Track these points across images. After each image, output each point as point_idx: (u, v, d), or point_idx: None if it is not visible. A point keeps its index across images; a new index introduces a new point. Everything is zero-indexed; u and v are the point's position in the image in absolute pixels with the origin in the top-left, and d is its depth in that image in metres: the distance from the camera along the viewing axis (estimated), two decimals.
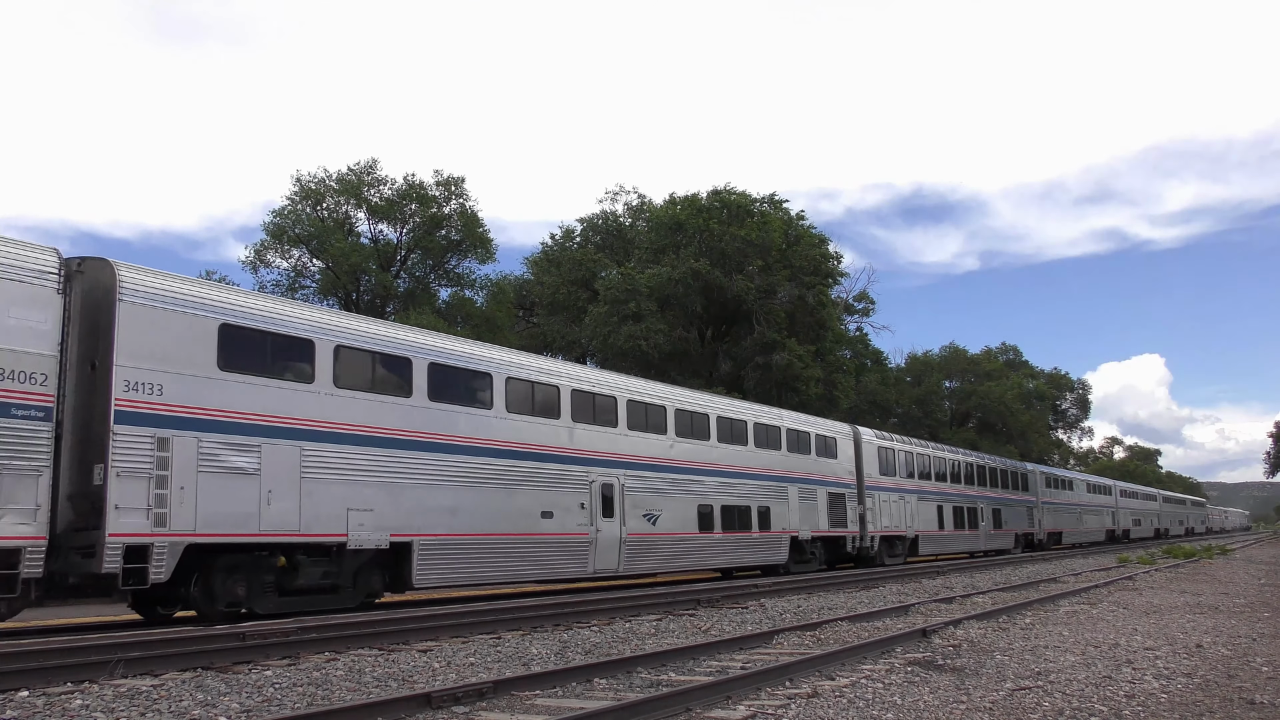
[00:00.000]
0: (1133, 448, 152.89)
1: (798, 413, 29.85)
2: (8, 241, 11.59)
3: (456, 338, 19.20)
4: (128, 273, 12.50)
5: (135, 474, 11.95)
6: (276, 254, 42.95)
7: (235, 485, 12.97)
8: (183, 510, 12.35)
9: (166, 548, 12.11)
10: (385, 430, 15.14)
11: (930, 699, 7.62)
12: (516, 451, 17.48)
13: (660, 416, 21.51)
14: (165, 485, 12.22)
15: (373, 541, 14.62)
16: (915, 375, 74.70)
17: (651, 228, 45.42)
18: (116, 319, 12.12)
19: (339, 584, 14.54)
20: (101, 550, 11.52)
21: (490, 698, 7.40)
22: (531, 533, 17.52)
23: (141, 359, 12.29)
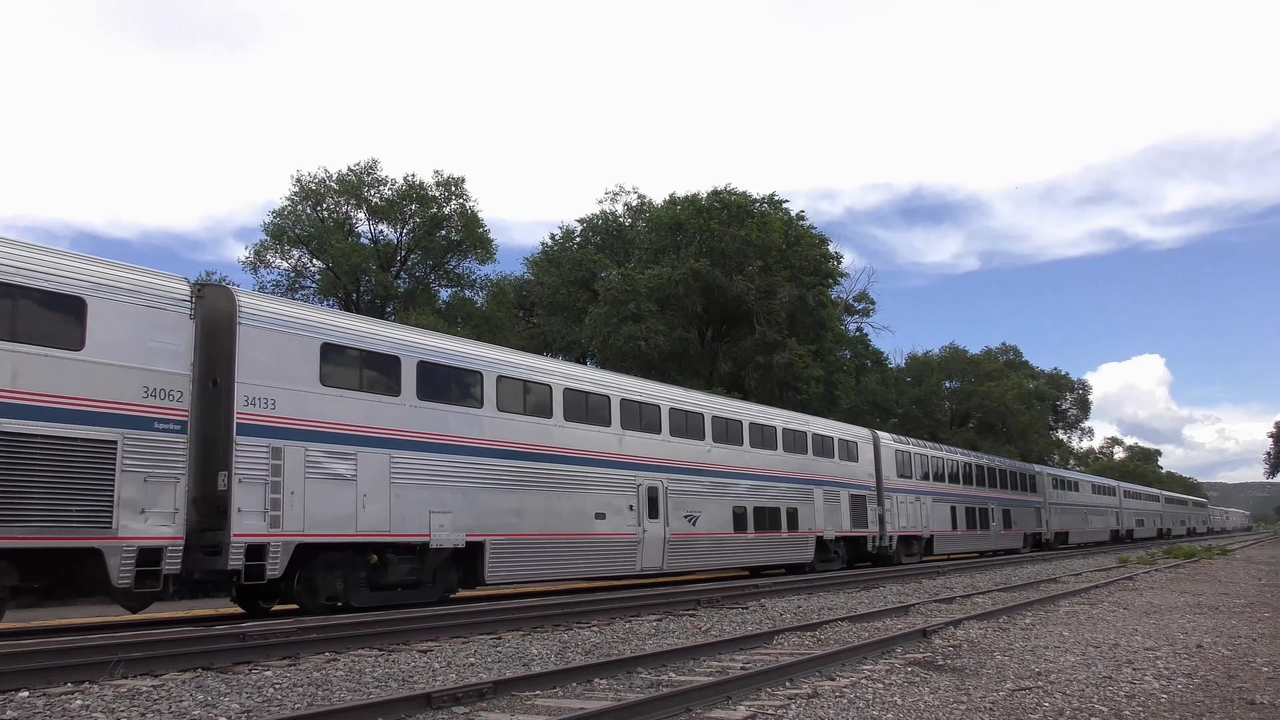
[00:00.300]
0: (1133, 448, 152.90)
1: (822, 418, 31.02)
2: (146, 272, 12.93)
3: (520, 352, 20.90)
4: (245, 298, 14.00)
5: (254, 480, 13.26)
6: (276, 254, 42.97)
7: (336, 490, 14.31)
8: (293, 513, 13.67)
9: (280, 547, 13.42)
10: (460, 439, 16.50)
11: (930, 699, 7.62)
12: (572, 457, 18.82)
13: (699, 423, 22.74)
14: (279, 490, 13.54)
15: (451, 541, 15.97)
16: (915, 375, 74.69)
17: (651, 228, 45.42)
18: (237, 340, 13.48)
19: (422, 580, 15.81)
20: (226, 549, 12.79)
21: (490, 698, 7.40)
22: (587, 533, 18.80)
23: (258, 376, 13.66)
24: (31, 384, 11.24)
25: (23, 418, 11.10)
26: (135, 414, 12.15)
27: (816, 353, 42.23)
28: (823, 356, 43.29)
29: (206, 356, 13.40)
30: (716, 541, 22.54)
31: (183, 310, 12.85)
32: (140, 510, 11.92)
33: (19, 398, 11.10)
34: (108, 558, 11.54)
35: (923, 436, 47.37)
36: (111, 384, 11.96)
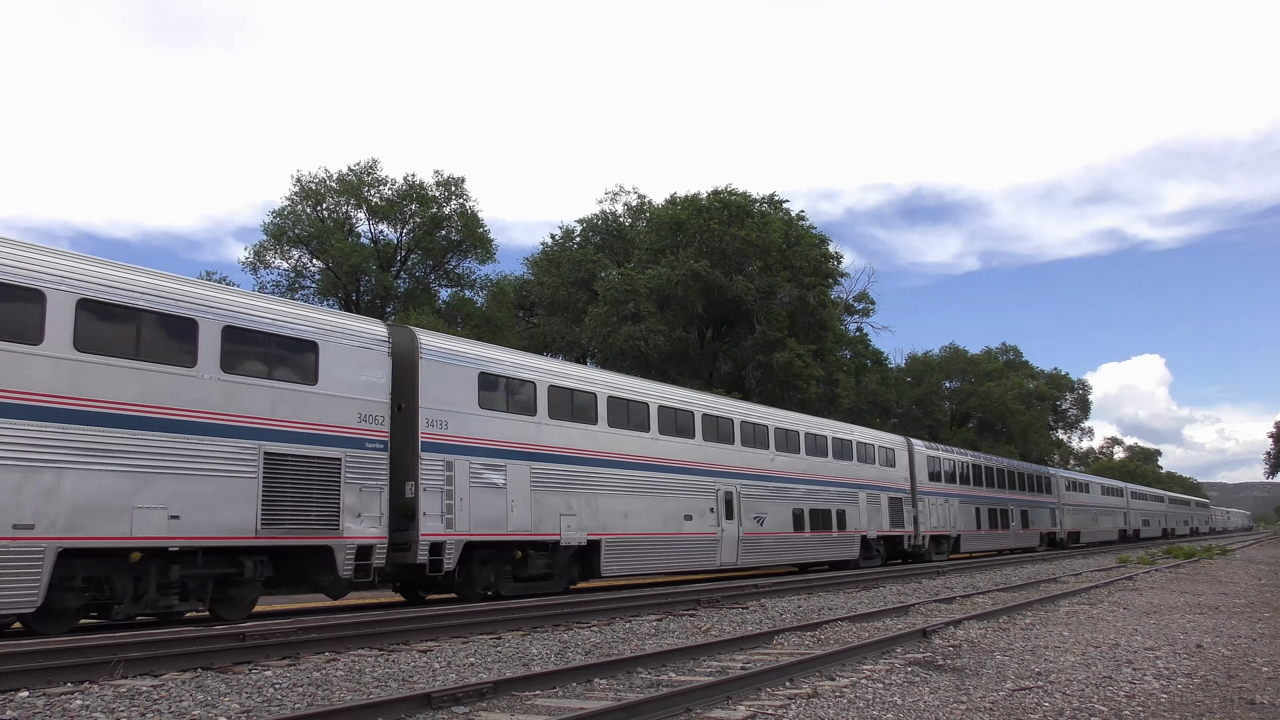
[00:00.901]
0: (1133, 448, 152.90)
1: (863, 427, 34.39)
2: (356, 318, 15.97)
3: (625, 376, 23.78)
4: (424, 337, 16.59)
5: (434, 489, 15.79)
6: (276, 254, 42.96)
7: (491, 496, 16.81)
8: (463, 516, 16.18)
9: (454, 545, 15.93)
10: (582, 451, 19.07)
11: (930, 699, 7.62)
12: (666, 465, 21.40)
13: (764, 435, 25.41)
14: (451, 497, 16.03)
15: (576, 539, 18.50)
16: (915, 375, 74.68)
17: (651, 228, 45.41)
18: (419, 373, 15.99)
19: (553, 573, 18.29)
20: (415, 546, 15.32)
21: (490, 698, 7.40)
22: (678, 532, 21.38)
23: (435, 402, 16.22)
24: (285, 413, 13.77)
25: (280, 440, 13.64)
26: (353, 436, 14.67)
27: (817, 353, 42.22)
28: (823, 356, 43.28)
29: (395, 386, 15.59)
30: (779, 540, 25.17)
31: (382, 349, 15.41)
32: (358, 515, 14.44)
33: (277, 424, 13.63)
34: (336, 553, 14.06)
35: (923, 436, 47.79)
36: (337, 412, 14.53)
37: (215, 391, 12.94)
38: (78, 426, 11.48)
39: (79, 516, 11.36)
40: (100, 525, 11.55)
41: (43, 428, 11.14)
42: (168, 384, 12.42)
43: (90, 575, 11.71)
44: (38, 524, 10.99)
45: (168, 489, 12.19)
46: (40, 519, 11.01)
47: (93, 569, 11.72)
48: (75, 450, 11.41)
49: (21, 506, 10.89)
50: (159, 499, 12.10)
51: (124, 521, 11.75)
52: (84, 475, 11.45)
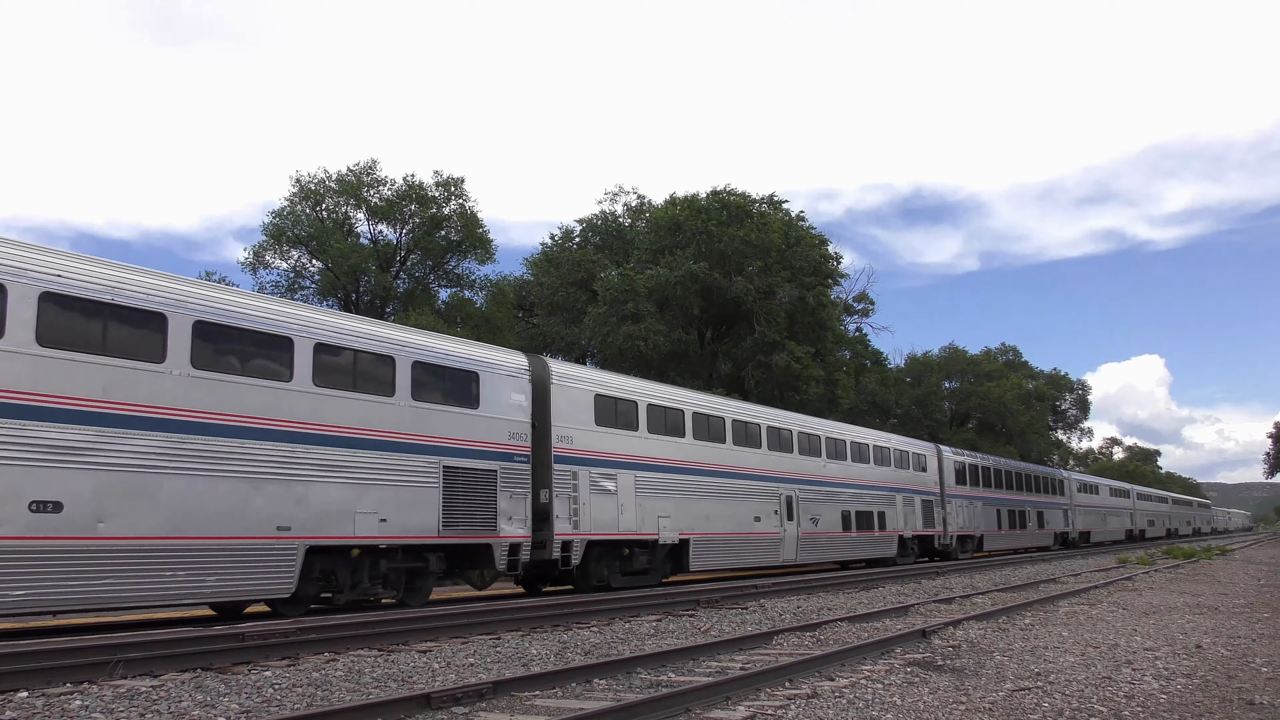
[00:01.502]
0: (1132, 448, 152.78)
1: (899, 435, 37.33)
2: (505, 351, 18.67)
3: (706, 395, 25.95)
4: (555, 366, 19.45)
5: (563, 495, 18.40)
6: (276, 255, 42.90)
7: (606, 501, 19.41)
8: (585, 518, 18.80)
9: (579, 543, 18.59)
10: (674, 461, 21.61)
11: (930, 699, 7.62)
12: (739, 473, 23.95)
13: (818, 444, 28.07)
14: (576, 502, 18.65)
15: (671, 538, 21.10)
16: (915, 375, 74.64)
17: (650, 228, 45.36)
18: (551, 396, 18.65)
19: (651, 568, 20.79)
20: (550, 544, 17.95)
21: (490, 698, 7.40)
22: (750, 531, 23.98)
23: (563, 420, 18.84)
24: (457, 433, 16.45)
25: (455, 456, 16.29)
26: (505, 451, 17.24)
27: (816, 353, 42.20)
28: (823, 357, 43.25)
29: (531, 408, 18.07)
30: (831, 539, 27.82)
31: (524, 377, 18.03)
32: (509, 518, 17.02)
33: (452, 443, 16.29)
34: (495, 550, 16.68)
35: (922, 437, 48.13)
36: (493, 431, 17.12)
37: (408, 416, 15.61)
38: (318, 447, 14.16)
39: (320, 520, 14.03)
40: (334, 527, 14.23)
41: (296, 449, 13.85)
42: (375, 411, 15.13)
43: (324, 568, 14.29)
44: (293, 526, 13.64)
45: (378, 497, 14.87)
46: (295, 522, 13.65)
47: (325, 563, 14.30)
48: (318, 467, 14.11)
49: (282, 512, 13.50)
50: (372, 506, 14.79)
51: (349, 524, 14.44)
52: (324, 487, 14.18)
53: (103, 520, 11.60)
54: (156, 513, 12.13)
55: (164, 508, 12.20)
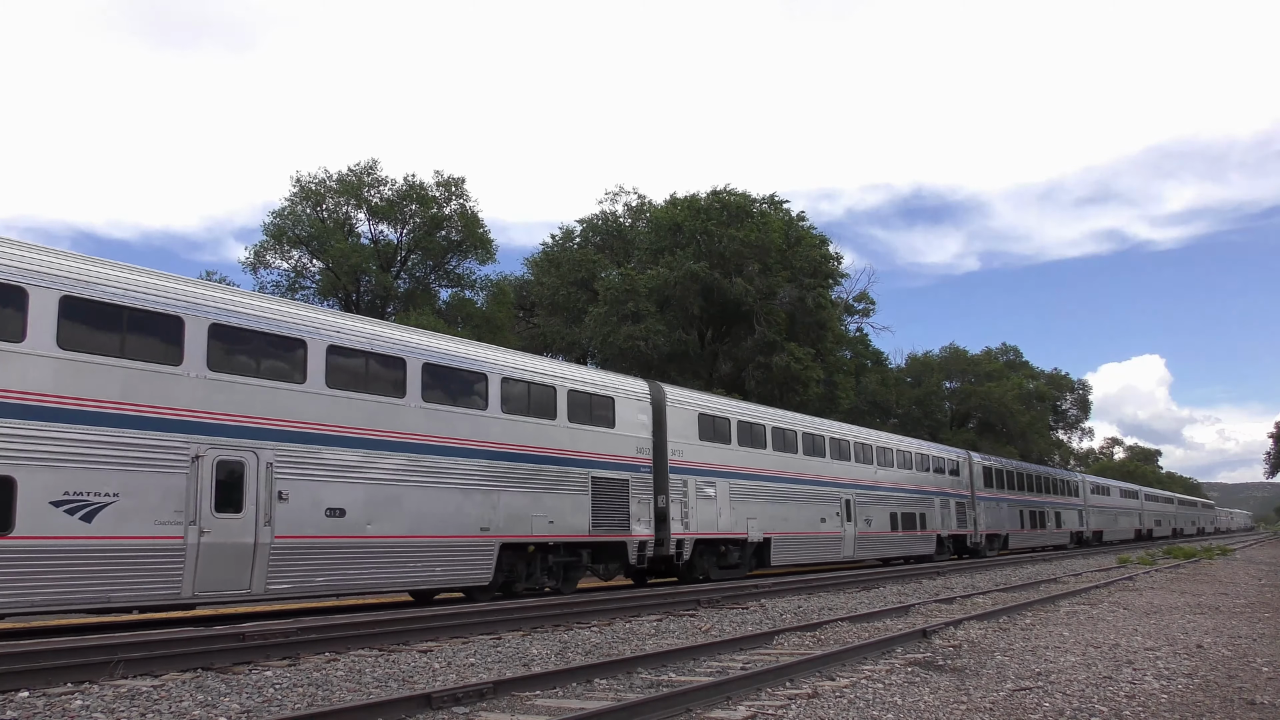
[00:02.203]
0: (1133, 448, 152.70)
1: (936, 443, 41.84)
2: (633, 379, 21.94)
3: (782, 411, 28.58)
4: (668, 390, 22.27)
5: (676, 500, 21.27)
6: (276, 255, 42.92)
7: (707, 505, 22.27)
8: (692, 520, 21.73)
9: (689, 541, 21.58)
10: (758, 469, 24.53)
11: (930, 699, 7.62)
12: (809, 480, 26.81)
13: (870, 453, 31.10)
14: (686, 506, 21.57)
15: (756, 537, 24.02)
16: (915, 376, 74.62)
17: (651, 228, 45.35)
18: (667, 416, 21.57)
19: (741, 563, 23.67)
20: (668, 542, 20.92)
21: (490, 698, 7.40)
22: (817, 531, 26.97)
23: (675, 436, 21.78)
24: (601, 448, 19.44)
25: (599, 468, 19.30)
26: (634, 463, 20.26)
27: (817, 354, 42.18)
28: (823, 357, 43.24)
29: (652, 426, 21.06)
30: (882, 538, 30.78)
31: (646, 400, 21.24)
32: (638, 519, 20.04)
33: (598, 457, 19.28)
34: (629, 547, 19.76)
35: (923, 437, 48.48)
36: (626, 446, 20.21)
37: (566, 436, 18.64)
38: (506, 463, 17.15)
39: (509, 522, 17.02)
40: (518, 528, 17.20)
41: (493, 464, 16.93)
42: (545, 431, 18.18)
43: (508, 562, 17.10)
44: (491, 528, 16.63)
45: (547, 503, 17.88)
46: (492, 524, 16.66)
47: (509, 558, 17.11)
48: (507, 479, 17.11)
49: (484, 516, 16.55)
50: (543, 510, 17.80)
51: (528, 526, 17.43)
52: (511, 495, 17.17)
53: (370, 523, 14.64)
54: (403, 517, 15.18)
55: (407, 513, 15.27)
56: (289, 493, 13.55)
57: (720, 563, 22.87)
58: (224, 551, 12.71)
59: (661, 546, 20.83)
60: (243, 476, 13.13)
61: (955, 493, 37.22)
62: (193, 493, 12.50)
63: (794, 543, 25.60)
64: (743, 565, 23.78)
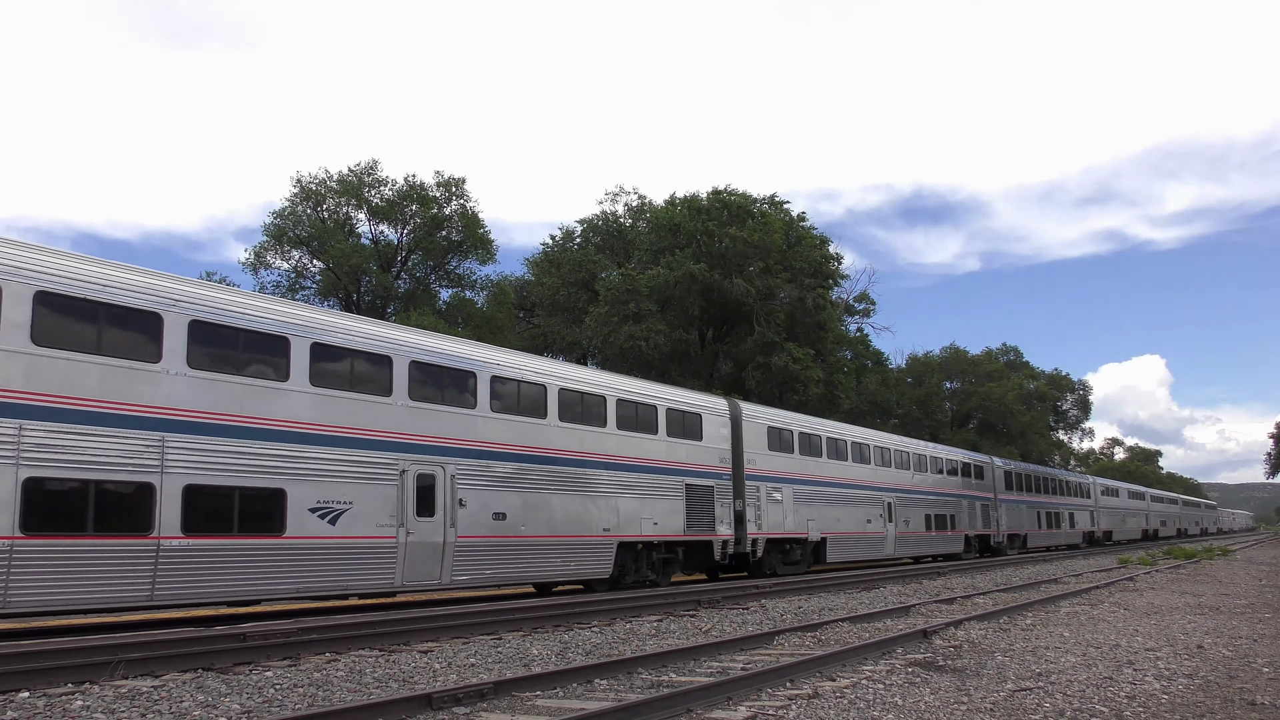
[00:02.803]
0: (1133, 448, 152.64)
1: (966, 450, 44.46)
2: (714, 397, 24.45)
3: (835, 422, 31.26)
4: (744, 406, 24.75)
5: (751, 504, 23.74)
6: (277, 255, 42.90)
7: (774, 508, 24.79)
8: (764, 521, 24.24)
9: (762, 541, 24.08)
10: (815, 476, 27.14)
11: (931, 700, 7.62)
12: (857, 485, 29.60)
13: (909, 459, 34.13)
14: (759, 509, 24.05)
15: (815, 537, 26.62)
16: (916, 376, 74.58)
17: (651, 229, 45.34)
18: (743, 430, 24.05)
19: (801, 559, 26.15)
20: (745, 541, 23.35)
21: (491, 698, 7.40)
22: (864, 531, 29.57)
23: (749, 448, 24.19)
24: (692, 459, 22.09)
25: (691, 476, 21.85)
26: (718, 472, 22.84)
27: (817, 354, 42.16)
28: (823, 358, 43.22)
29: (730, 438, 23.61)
30: (918, 537, 33.50)
31: (726, 416, 23.64)
32: (721, 521, 22.51)
33: (689, 466, 21.91)
34: (714, 545, 22.31)
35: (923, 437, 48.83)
36: (711, 457, 22.75)
37: (664, 448, 21.32)
38: (622, 473, 19.87)
39: (624, 524, 19.66)
40: (631, 529, 19.88)
41: (613, 474, 19.62)
42: (649, 445, 20.93)
43: (622, 559, 19.56)
44: (611, 529, 19.31)
45: (653, 507, 20.54)
46: (612, 526, 19.35)
47: (623, 555, 19.64)
48: (623, 486, 19.87)
49: (606, 519, 19.26)
50: (650, 514, 20.42)
51: (638, 527, 20.07)
52: (625, 500, 19.83)
53: (523, 525, 17.26)
54: (546, 520, 17.83)
55: (549, 516, 17.93)
56: (466, 500, 16.29)
57: (785, 559, 25.57)
58: (423, 549, 15.44)
59: (739, 545, 23.29)
60: (434, 487, 15.81)
61: (980, 495, 40.02)
62: (401, 500, 15.14)
63: (846, 541, 28.38)
64: (803, 562, 26.28)
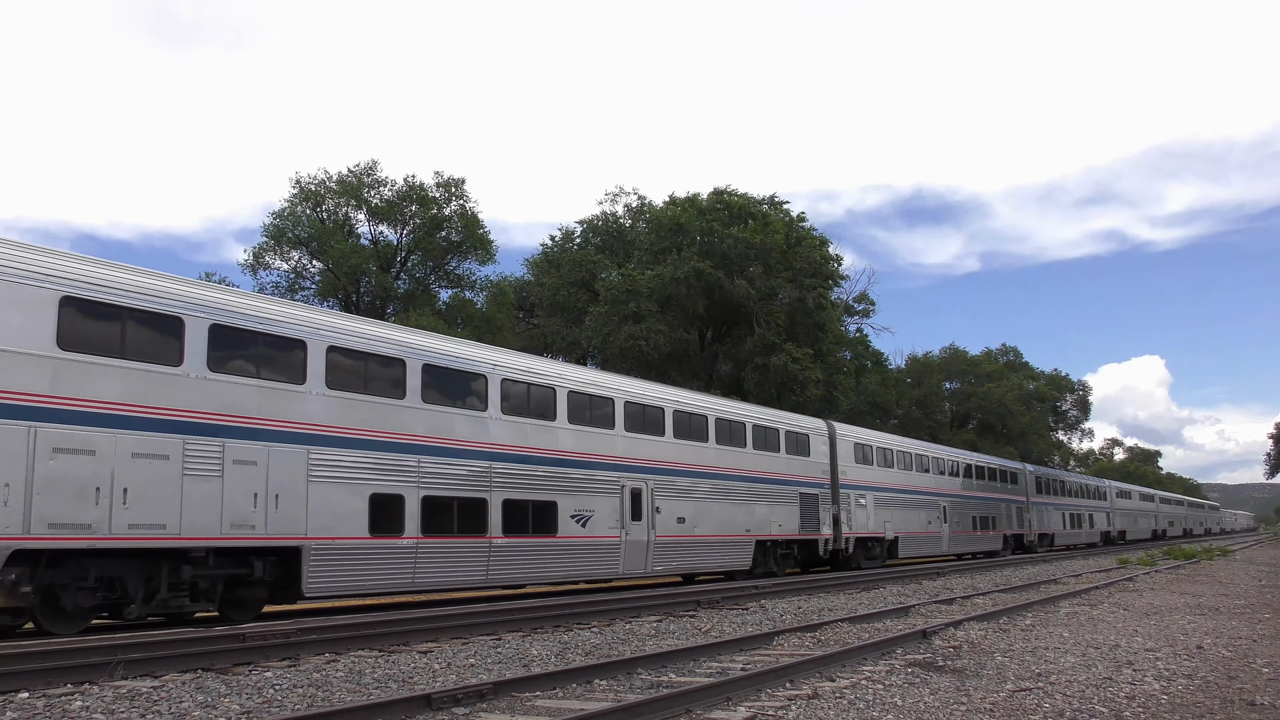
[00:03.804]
0: (1133, 449, 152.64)
1: (1003, 458, 50.04)
2: (818, 420, 29.28)
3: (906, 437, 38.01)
4: (838, 426, 29.60)
5: (844, 509, 28.44)
6: (276, 255, 42.90)
7: (860, 512, 29.61)
8: (853, 523, 28.98)
9: (851, 540, 28.73)
10: (890, 484, 32.18)
11: (930, 700, 7.61)
12: (921, 491, 34.83)
13: (958, 468, 39.76)
14: (849, 513, 28.72)
15: (890, 536, 31.54)
16: (915, 376, 74.56)
17: (651, 229, 45.34)
18: (837, 446, 28.85)
19: (879, 555, 30.77)
20: (839, 539, 28.08)
21: (490, 699, 7.40)
22: (925, 531, 34.81)
23: (842, 461, 29.05)
24: (801, 472, 26.59)
25: (802, 486, 26.61)
26: (821, 482, 27.58)
27: (817, 355, 42.15)
28: (823, 358, 43.22)
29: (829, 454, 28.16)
30: (968, 537, 38.94)
31: (825, 435, 28.46)
32: (824, 523, 27.05)
33: (801, 478, 26.62)
34: (819, 543, 26.84)
35: (923, 438, 49.31)
36: (815, 470, 27.47)
37: (784, 463, 25.92)
38: (758, 485, 24.71)
39: (759, 526, 24.52)
40: (763, 530, 24.69)
41: (751, 486, 24.42)
42: (774, 461, 25.64)
43: (756, 554, 24.23)
44: (750, 529, 24.10)
45: (777, 513, 25.33)
46: (750, 527, 24.20)
47: (757, 551, 24.33)
48: (758, 496, 24.66)
49: (747, 521, 24.05)
50: (775, 517, 25.22)
51: (768, 528, 24.91)
52: (759, 507, 24.69)
53: (696, 526, 22.23)
54: (710, 521, 22.75)
55: (712, 519, 22.86)
56: (661, 508, 21.13)
57: (866, 555, 29.99)
58: (635, 546, 20.38)
59: (836, 543, 28.02)
60: (641, 498, 20.72)
61: (1015, 499, 45.35)
62: (621, 509, 20.07)
63: (913, 540, 33.40)
64: (880, 557, 30.94)
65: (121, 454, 11.92)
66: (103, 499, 11.67)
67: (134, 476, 11.98)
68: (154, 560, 12.45)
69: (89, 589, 11.89)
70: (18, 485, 10.98)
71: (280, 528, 13.52)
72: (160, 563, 12.51)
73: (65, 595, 11.73)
